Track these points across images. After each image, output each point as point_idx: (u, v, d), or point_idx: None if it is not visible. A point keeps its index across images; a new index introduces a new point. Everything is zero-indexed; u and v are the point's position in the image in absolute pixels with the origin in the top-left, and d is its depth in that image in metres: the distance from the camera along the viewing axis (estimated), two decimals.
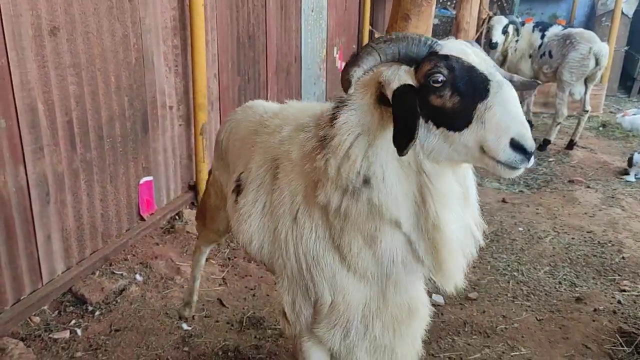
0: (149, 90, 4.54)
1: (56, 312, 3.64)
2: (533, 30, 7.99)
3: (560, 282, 4.31)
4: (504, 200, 5.97)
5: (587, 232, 5.22)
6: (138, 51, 4.33)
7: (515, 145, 1.50)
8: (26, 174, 3.37)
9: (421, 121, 1.64)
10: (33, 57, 3.32)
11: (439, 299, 4.02)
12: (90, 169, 3.92)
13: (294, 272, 2.00)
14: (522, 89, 1.96)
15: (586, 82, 7.52)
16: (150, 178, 4.69)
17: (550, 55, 7.63)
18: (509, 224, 5.39)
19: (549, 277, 4.40)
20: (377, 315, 1.91)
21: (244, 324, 3.64)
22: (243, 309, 3.80)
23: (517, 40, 8.02)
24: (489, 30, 8.01)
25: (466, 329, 3.71)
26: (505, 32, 7.92)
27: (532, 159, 1.53)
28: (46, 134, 3.48)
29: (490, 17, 8.17)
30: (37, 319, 3.51)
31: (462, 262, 1.79)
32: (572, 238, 5.09)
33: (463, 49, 1.66)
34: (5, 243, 3.29)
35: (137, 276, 4.08)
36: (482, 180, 6.59)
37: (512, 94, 1.57)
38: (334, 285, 1.90)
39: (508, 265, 4.58)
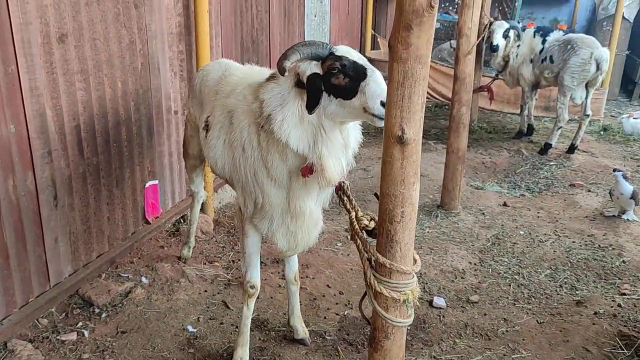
0: (154, 95, 4.60)
1: (63, 314, 3.69)
2: (534, 35, 8.03)
3: (561, 286, 4.36)
4: (505, 204, 6.01)
5: (588, 235, 5.26)
6: (144, 57, 4.40)
7: (383, 104, 2.32)
8: (35, 178, 3.43)
9: (325, 95, 2.55)
10: (42, 63, 3.39)
11: (441, 301, 4.07)
12: (97, 173, 3.99)
13: (243, 183, 2.99)
14: None
15: (587, 86, 7.56)
16: (155, 182, 4.75)
17: (552, 60, 7.68)
18: (510, 227, 5.44)
19: (549, 280, 4.45)
20: (287, 212, 2.90)
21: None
22: None
23: (518, 46, 8.07)
24: (490, 35, 8.06)
25: (467, 332, 3.76)
26: (506, 36, 7.97)
27: None
28: (54, 139, 3.55)
29: (491, 22, 8.22)
30: (44, 321, 3.56)
31: (336, 175, 2.66)
32: (573, 242, 5.13)
33: (348, 50, 2.58)
34: (14, 246, 3.35)
35: (143, 279, 4.14)
36: (483, 184, 6.65)
37: (380, 75, 2.45)
38: (264, 191, 2.88)
39: (509, 269, 4.62)
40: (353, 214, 2.46)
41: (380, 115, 2.39)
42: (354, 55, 2.56)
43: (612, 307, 4.04)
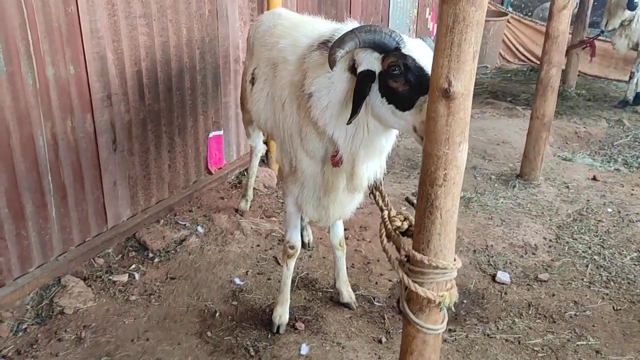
0: (221, 44, 4.52)
1: (120, 255, 3.79)
2: None
3: None
4: (594, 178, 5.45)
5: None
6: (212, 3, 4.30)
7: None
8: (93, 121, 3.48)
9: (378, 94, 2.24)
10: (103, 5, 3.37)
11: (505, 277, 3.77)
12: (158, 120, 4.00)
13: (282, 140, 2.87)
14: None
15: None
16: (220, 132, 4.73)
17: None
18: (596, 203, 4.92)
19: (635, 264, 3.98)
20: (320, 185, 2.77)
21: (295, 284, 3.60)
22: (297, 268, 3.75)
23: None
24: None
25: (530, 312, 3.45)
26: None
27: None
28: (114, 83, 3.56)
29: None
30: (101, 261, 3.68)
31: (365, 183, 2.53)
32: None
33: (420, 51, 2.19)
34: (72, 186, 3.44)
35: (199, 228, 4.16)
36: (573, 155, 6.10)
37: None
38: (297, 156, 2.74)
39: (589, 248, 4.19)
40: (385, 212, 2.20)
41: None
42: (424, 57, 2.16)
43: None
